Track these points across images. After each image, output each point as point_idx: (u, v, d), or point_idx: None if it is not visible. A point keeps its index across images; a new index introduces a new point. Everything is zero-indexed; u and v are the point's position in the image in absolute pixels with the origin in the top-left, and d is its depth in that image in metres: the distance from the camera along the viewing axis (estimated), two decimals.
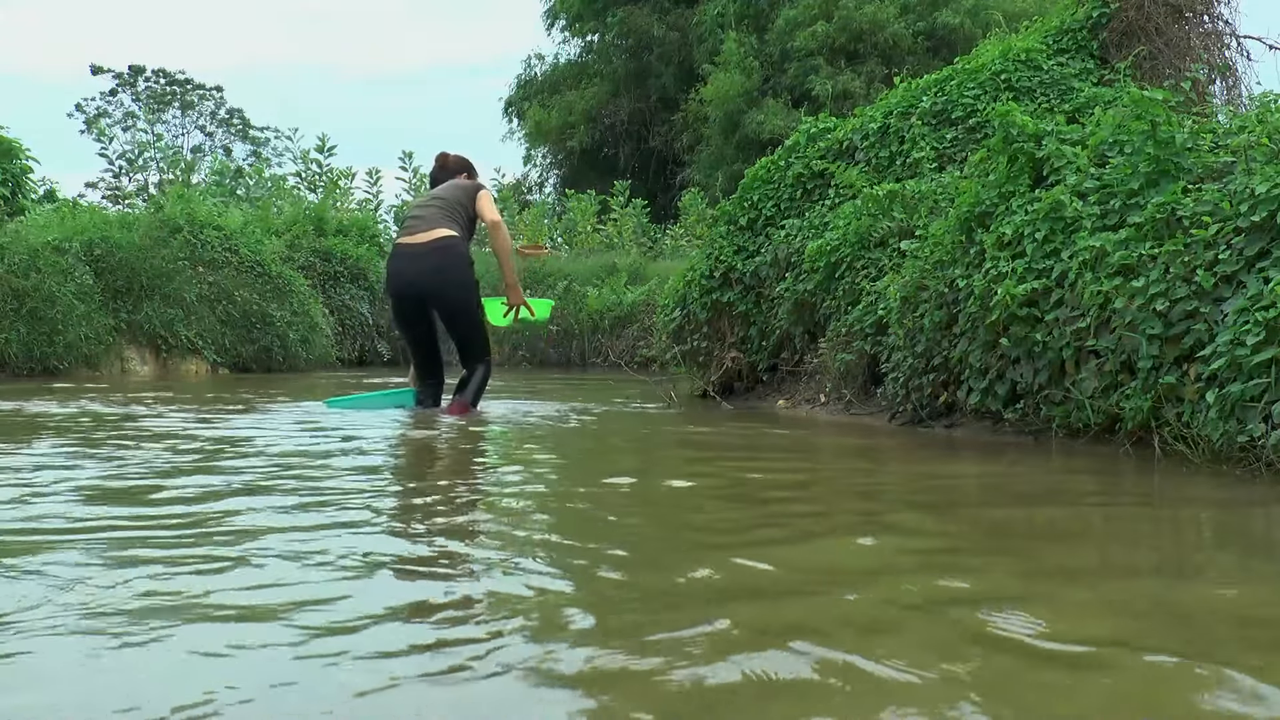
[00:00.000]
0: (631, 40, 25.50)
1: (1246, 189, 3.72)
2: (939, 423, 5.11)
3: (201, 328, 12.45)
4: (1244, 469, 3.34)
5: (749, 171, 7.75)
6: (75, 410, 6.12)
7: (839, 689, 1.40)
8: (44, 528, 2.45)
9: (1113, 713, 1.32)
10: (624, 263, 17.41)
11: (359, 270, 15.84)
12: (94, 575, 1.97)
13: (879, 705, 1.33)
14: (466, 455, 4.31)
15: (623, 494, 3.28)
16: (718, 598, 1.90)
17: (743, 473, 3.79)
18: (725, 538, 2.51)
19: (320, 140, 20.96)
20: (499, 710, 1.34)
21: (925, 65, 18.39)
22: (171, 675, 1.45)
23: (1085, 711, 1.33)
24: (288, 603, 1.80)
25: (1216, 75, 6.75)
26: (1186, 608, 1.84)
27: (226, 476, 3.32)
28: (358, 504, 2.82)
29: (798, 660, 1.51)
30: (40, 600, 1.79)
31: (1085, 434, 4.18)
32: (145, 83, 42.72)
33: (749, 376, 7.45)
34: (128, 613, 1.72)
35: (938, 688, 1.40)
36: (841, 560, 2.26)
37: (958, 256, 4.90)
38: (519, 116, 28.41)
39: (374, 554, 2.19)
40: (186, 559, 2.12)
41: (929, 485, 3.53)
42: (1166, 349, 3.73)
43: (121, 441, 4.37)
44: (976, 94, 6.94)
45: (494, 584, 1.97)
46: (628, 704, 1.35)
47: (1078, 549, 2.49)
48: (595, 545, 2.32)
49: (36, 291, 10.70)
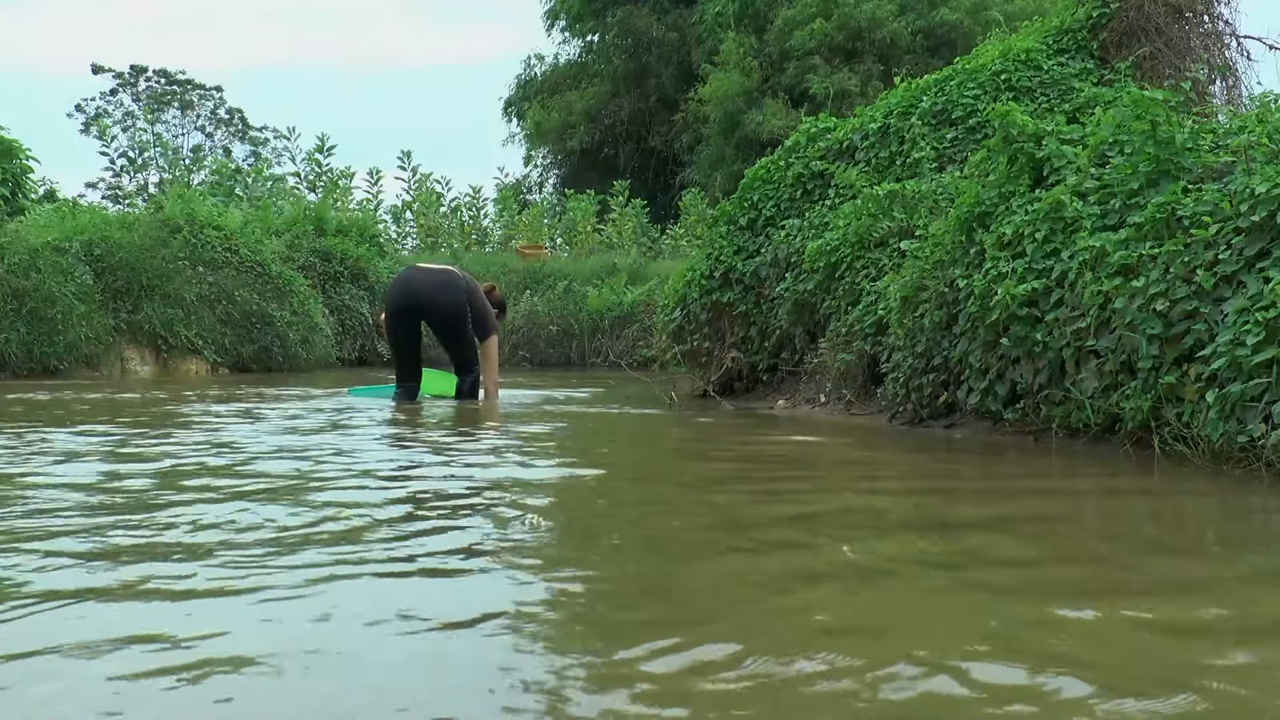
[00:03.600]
0: (631, 40, 25.50)
1: (1246, 189, 3.72)
2: (939, 423, 5.10)
3: (201, 328, 12.45)
4: (1244, 469, 3.34)
5: (749, 171, 7.75)
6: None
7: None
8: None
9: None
10: (624, 263, 17.42)
11: (359, 270, 15.84)
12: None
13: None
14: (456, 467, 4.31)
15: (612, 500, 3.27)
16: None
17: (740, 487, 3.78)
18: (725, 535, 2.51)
19: (320, 140, 20.97)
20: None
21: (923, 64, 18.41)
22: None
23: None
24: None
25: (1216, 75, 6.75)
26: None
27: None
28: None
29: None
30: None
31: (1085, 434, 4.18)
32: (146, 82, 42.71)
33: (749, 376, 7.45)
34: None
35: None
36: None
37: (958, 256, 4.90)
38: (519, 117, 28.41)
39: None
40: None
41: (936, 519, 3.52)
42: (1166, 349, 3.73)
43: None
44: (976, 94, 6.94)
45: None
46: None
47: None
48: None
49: (36, 291, 10.70)
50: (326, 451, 4.12)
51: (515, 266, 17.54)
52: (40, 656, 1.52)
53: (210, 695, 1.38)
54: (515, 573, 2.08)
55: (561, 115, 26.35)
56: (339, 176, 20.61)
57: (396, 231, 20.78)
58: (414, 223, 21.05)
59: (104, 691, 1.38)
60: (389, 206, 21.22)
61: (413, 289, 7.13)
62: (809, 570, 2.14)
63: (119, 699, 1.36)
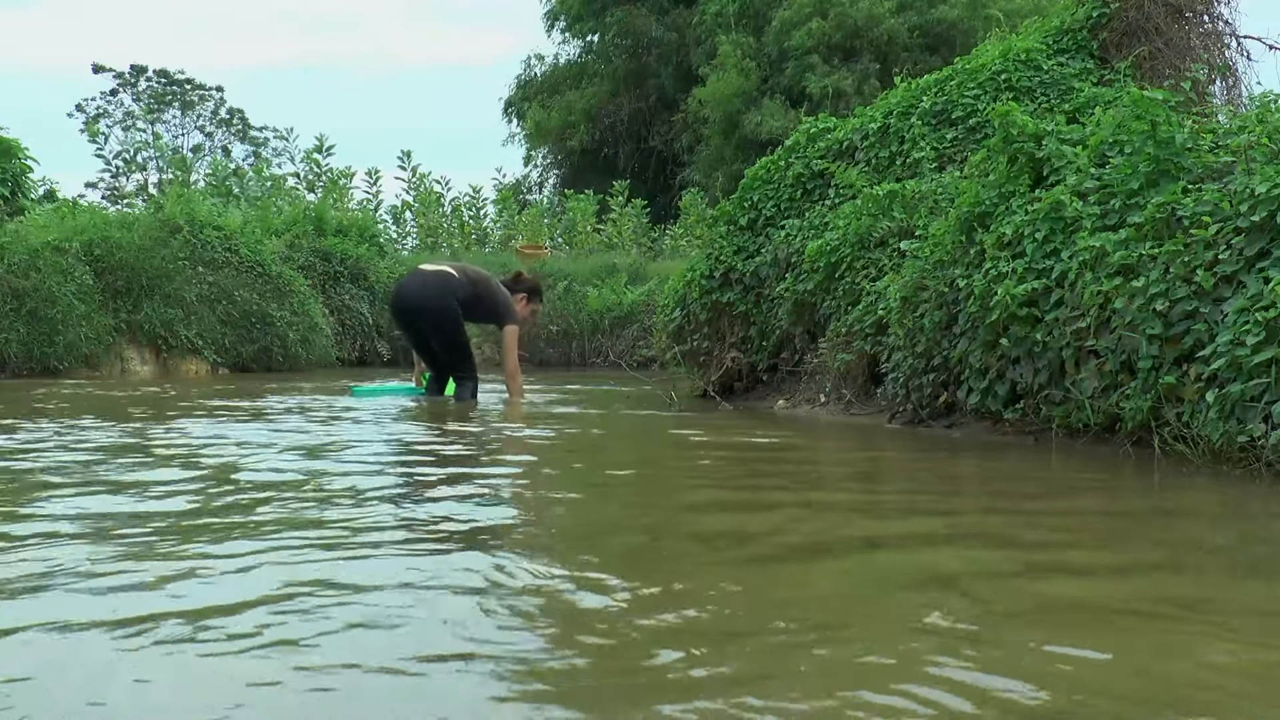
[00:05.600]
0: (630, 40, 25.48)
1: (1246, 189, 3.72)
2: (939, 423, 5.10)
3: (201, 328, 12.44)
4: (1244, 469, 3.34)
5: (749, 171, 7.74)
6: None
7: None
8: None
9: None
10: (624, 263, 17.41)
11: (359, 270, 15.82)
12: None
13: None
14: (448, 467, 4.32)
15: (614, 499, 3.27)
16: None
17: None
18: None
19: (318, 140, 20.96)
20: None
21: (921, 62, 18.38)
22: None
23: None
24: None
25: (1216, 75, 6.74)
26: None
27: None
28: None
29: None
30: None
31: (1085, 434, 4.18)
32: (146, 82, 42.69)
33: (749, 376, 7.45)
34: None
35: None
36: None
37: (958, 256, 4.90)
38: (519, 117, 28.38)
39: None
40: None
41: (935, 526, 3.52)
42: (1166, 349, 3.73)
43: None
44: (976, 94, 6.94)
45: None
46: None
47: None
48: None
49: (36, 291, 10.69)
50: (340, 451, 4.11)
51: (515, 266, 17.50)
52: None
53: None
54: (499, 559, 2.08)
55: (561, 115, 26.31)
56: (338, 176, 20.60)
57: (396, 231, 20.76)
58: (414, 223, 21.04)
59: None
60: (389, 207, 21.22)
61: (402, 295, 7.34)
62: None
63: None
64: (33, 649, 1.58)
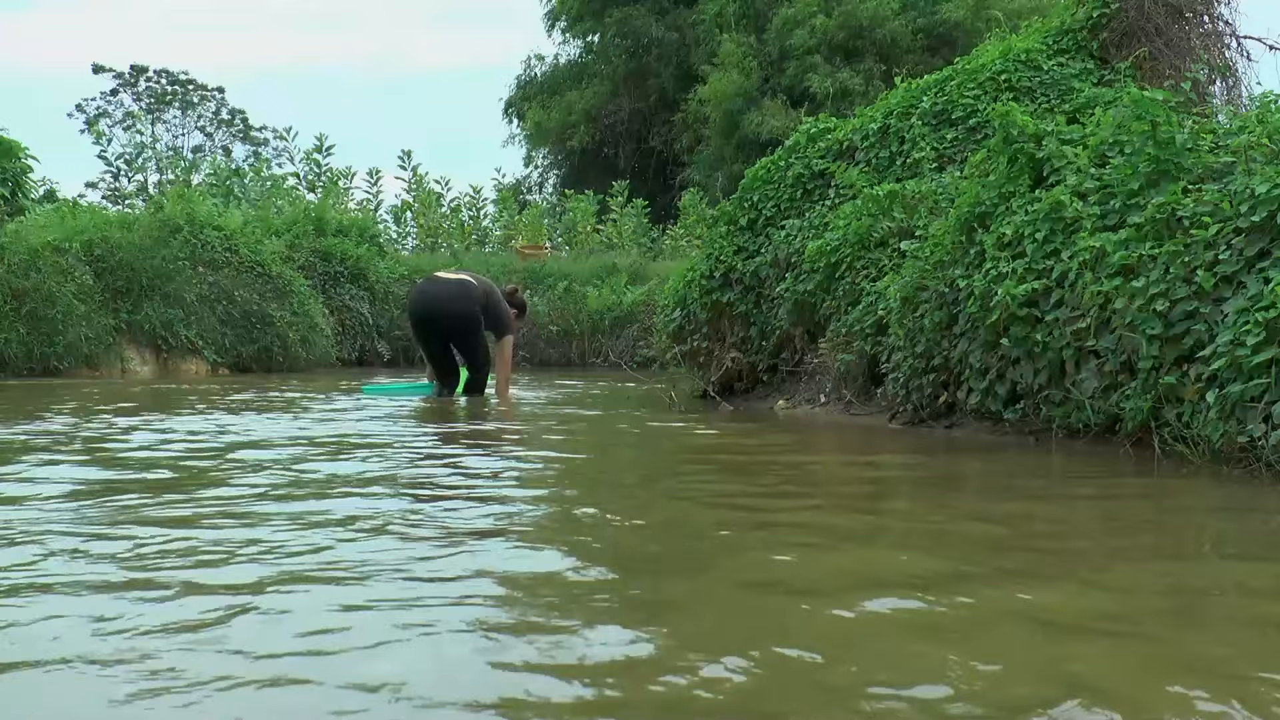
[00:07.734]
0: (630, 40, 25.47)
1: (1246, 189, 3.72)
2: (939, 423, 5.10)
3: (201, 328, 12.45)
4: (1244, 469, 3.34)
5: (749, 172, 7.74)
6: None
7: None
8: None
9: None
10: (624, 263, 17.41)
11: (359, 270, 15.83)
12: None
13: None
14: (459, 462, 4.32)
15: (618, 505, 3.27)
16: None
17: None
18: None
19: (318, 140, 20.97)
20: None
21: (923, 63, 18.37)
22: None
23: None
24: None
25: (1216, 75, 6.74)
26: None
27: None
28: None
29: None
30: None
31: (1085, 434, 4.18)
32: (147, 82, 42.65)
33: (749, 377, 7.44)
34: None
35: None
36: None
37: (958, 257, 4.89)
38: (519, 117, 28.38)
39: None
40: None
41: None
42: (1166, 349, 3.73)
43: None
44: (977, 94, 6.93)
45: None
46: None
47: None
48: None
49: (36, 291, 10.70)
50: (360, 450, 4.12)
51: (515, 266, 17.53)
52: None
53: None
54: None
55: (561, 115, 26.31)
56: (338, 176, 20.59)
57: (397, 232, 20.76)
58: (414, 223, 21.04)
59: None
60: (389, 207, 21.22)
61: (426, 301, 7.75)
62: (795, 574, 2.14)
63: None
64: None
